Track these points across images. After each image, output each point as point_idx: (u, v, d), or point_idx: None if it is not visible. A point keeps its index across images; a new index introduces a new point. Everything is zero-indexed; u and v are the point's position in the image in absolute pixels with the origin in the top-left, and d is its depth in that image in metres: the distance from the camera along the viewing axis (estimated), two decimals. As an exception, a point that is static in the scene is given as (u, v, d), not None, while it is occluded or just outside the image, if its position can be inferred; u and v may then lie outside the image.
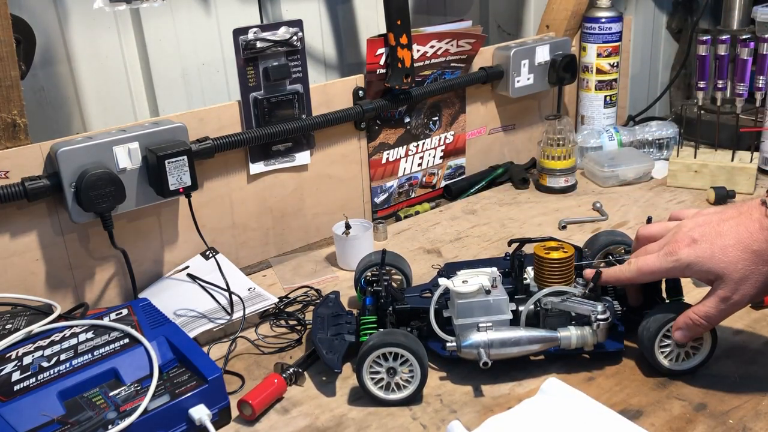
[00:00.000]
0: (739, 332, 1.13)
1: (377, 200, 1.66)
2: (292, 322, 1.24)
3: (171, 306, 1.22)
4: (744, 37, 1.59)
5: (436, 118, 1.70)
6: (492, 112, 1.83)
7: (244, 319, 1.20)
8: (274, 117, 1.39)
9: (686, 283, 1.28)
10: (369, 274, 1.23)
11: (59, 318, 1.10)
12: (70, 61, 1.34)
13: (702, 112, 1.72)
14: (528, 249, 1.13)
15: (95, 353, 0.99)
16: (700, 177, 1.69)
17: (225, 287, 1.24)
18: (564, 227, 1.55)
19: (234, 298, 1.22)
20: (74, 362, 0.97)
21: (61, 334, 1.05)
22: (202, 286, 1.28)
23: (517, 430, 0.91)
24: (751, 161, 1.67)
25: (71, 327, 1.07)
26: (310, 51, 1.61)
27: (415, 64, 1.54)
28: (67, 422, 0.89)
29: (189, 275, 1.32)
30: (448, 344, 1.04)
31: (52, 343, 1.02)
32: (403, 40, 1.47)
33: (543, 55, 1.78)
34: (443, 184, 1.79)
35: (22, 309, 1.14)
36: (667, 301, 1.12)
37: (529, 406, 0.96)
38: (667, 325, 1.01)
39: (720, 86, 1.66)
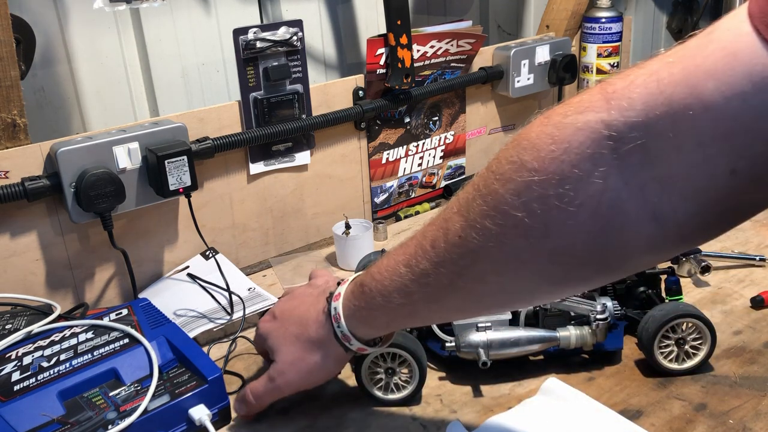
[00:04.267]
0: (739, 332, 1.13)
1: (377, 200, 1.66)
2: (292, 322, 1.24)
3: (171, 306, 1.22)
4: (744, 37, 1.59)
5: (436, 118, 1.70)
6: (492, 112, 1.83)
7: (244, 319, 1.20)
8: (274, 117, 1.39)
9: (686, 283, 1.28)
10: (369, 274, 1.22)
11: (59, 318, 1.10)
12: (70, 61, 1.34)
13: (702, 112, 1.71)
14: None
15: (95, 353, 0.99)
16: (700, 177, 1.69)
17: (225, 287, 1.24)
18: (564, 227, 1.55)
19: (234, 298, 1.22)
20: (74, 362, 0.97)
21: (61, 334, 1.05)
22: (202, 286, 1.28)
23: (517, 430, 0.91)
24: (751, 161, 1.66)
25: (71, 327, 1.07)
26: (310, 51, 1.61)
27: (415, 64, 1.53)
28: (67, 422, 0.89)
29: (189, 275, 1.32)
30: (447, 344, 1.04)
31: (52, 343, 1.02)
32: (403, 40, 1.47)
33: (543, 55, 1.78)
34: (443, 184, 1.79)
35: (22, 309, 1.14)
36: (667, 300, 1.12)
37: (529, 406, 0.96)
38: (666, 325, 1.01)
39: (720, 86, 1.66)
